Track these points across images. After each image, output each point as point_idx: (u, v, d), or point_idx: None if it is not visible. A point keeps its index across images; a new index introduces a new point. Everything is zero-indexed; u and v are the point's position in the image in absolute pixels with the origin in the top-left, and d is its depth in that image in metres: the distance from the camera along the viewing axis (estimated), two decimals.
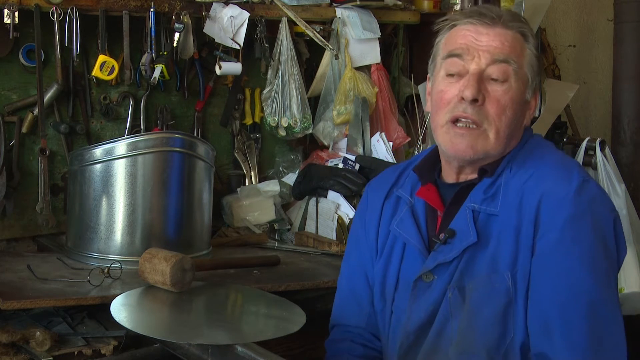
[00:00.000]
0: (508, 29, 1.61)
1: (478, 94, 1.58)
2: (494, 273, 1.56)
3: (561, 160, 1.65)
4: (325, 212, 2.77)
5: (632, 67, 3.24)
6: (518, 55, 1.61)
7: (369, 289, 1.80)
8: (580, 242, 1.52)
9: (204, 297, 1.98)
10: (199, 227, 2.43)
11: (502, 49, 1.59)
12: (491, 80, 1.60)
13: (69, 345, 1.88)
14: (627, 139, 3.26)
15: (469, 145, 1.60)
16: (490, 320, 1.56)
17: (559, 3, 3.88)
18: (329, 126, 3.03)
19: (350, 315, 1.83)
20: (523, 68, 1.62)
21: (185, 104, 2.93)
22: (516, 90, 1.60)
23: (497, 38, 1.60)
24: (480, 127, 1.60)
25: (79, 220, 2.34)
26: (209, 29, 2.74)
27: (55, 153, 2.68)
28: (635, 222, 2.99)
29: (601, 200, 1.58)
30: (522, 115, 1.65)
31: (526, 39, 1.63)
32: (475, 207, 1.61)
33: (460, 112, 1.60)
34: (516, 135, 1.66)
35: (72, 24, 2.50)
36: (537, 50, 1.66)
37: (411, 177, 1.78)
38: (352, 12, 3.03)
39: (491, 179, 1.63)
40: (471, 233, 1.59)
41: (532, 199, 1.56)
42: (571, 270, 1.51)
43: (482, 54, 1.59)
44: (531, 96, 1.66)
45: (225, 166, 3.04)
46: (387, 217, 1.78)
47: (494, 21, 1.61)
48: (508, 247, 1.57)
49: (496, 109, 1.59)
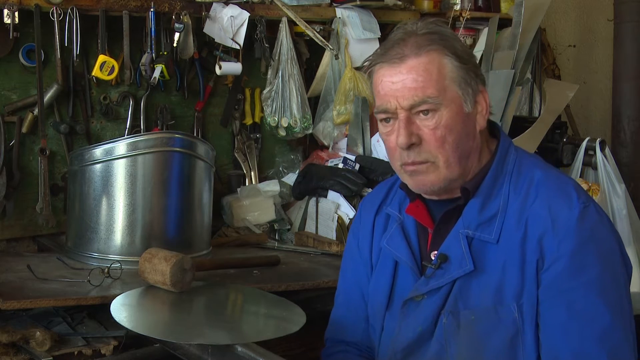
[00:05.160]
0: (418, 57, 1.55)
1: (410, 139, 1.55)
2: (499, 304, 1.55)
3: (557, 182, 1.60)
4: (325, 212, 2.77)
5: (632, 67, 3.25)
6: (436, 81, 1.54)
7: (364, 304, 1.80)
8: (588, 269, 1.51)
9: (204, 297, 1.98)
10: (199, 227, 2.43)
11: (416, 88, 1.54)
12: (422, 115, 1.56)
13: (69, 345, 1.88)
14: (627, 139, 3.26)
15: (426, 180, 1.59)
16: (498, 352, 1.55)
17: (559, 3, 3.88)
18: (329, 126, 3.03)
19: (346, 330, 1.83)
20: (448, 90, 1.55)
21: (185, 104, 2.93)
22: (449, 114, 1.55)
23: (409, 75, 1.54)
24: (428, 161, 1.57)
25: (79, 220, 2.34)
26: (209, 29, 2.74)
27: (55, 153, 2.68)
28: (635, 222, 2.99)
29: (602, 223, 1.56)
30: (469, 129, 1.59)
31: (441, 52, 1.55)
32: (469, 233, 1.59)
33: (405, 160, 1.58)
34: (474, 149, 1.61)
35: (72, 24, 2.50)
36: (459, 55, 1.57)
37: (399, 194, 1.76)
38: (352, 12, 3.03)
39: (481, 197, 1.60)
40: (467, 262, 1.57)
41: (536, 230, 1.54)
42: (581, 299, 1.50)
43: (401, 100, 1.55)
44: (473, 103, 1.59)
45: (225, 166, 3.04)
46: (379, 233, 1.77)
47: (402, 57, 1.56)
48: (514, 278, 1.55)
49: (435, 142, 1.55)
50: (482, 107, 1.61)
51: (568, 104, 3.42)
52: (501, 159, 1.63)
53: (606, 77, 3.80)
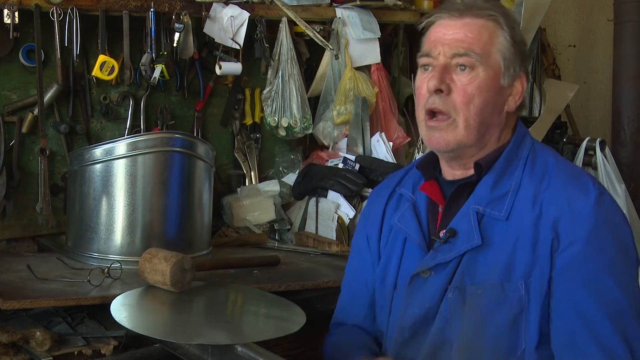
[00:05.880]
0: (476, 18, 1.62)
1: (441, 83, 1.60)
2: (507, 281, 1.56)
3: (572, 169, 1.66)
4: (325, 212, 2.77)
5: (632, 67, 3.25)
6: (485, 44, 1.61)
7: (367, 292, 1.81)
8: (604, 253, 1.53)
9: (204, 297, 1.98)
10: (199, 227, 2.43)
11: (465, 40, 1.61)
12: (458, 70, 1.61)
13: (69, 345, 1.88)
14: (627, 139, 3.27)
15: (441, 137, 1.63)
16: (500, 329, 1.56)
17: (559, 3, 3.88)
18: (329, 126, 3.03)
19: (349, 315, 1.85)
20: (492, 56, 1.61)
21: (185, 104, 2.93)
22: (484, 78, 1.60)
23: (461, 30, 1.62)
24: (449, 117, 1.62)
25: (79, 220, 2.34)
26: (209, 29, 2.74)
27: (55, 153, 2.68)
28: (636, 222, 2.99)
29: (617, 210, 1.60)
30: (498, 102, 1.64)
31: (499, 25, 1.63)
32: (479, 209, 1.62)
33: (430, 105, 1.63)
34: (495, 124, 1.65)
35: (72, 24, 2.50)
36: (514, 35, 1.65)
37: (413, 176, 1.80)
38: (352, 12, 3.03)
39: (495, 175, 1.63)
40: (475, 236, 1.60)
41: (551, 212, 1.56)
42: (597, 281, 1.52)
43: (446, 47, 1.62)
44: (510, 82, 1.64)
45: (225, 166, 3.04)
46: (390, 214, 1.80)
47: (462, 13, 1.63)
48: (524, 256, 1.56)
49: (462, 98, 1.60)
50: (517, 92, 1.67)
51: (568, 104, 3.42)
52: (517, 144, 1.68)
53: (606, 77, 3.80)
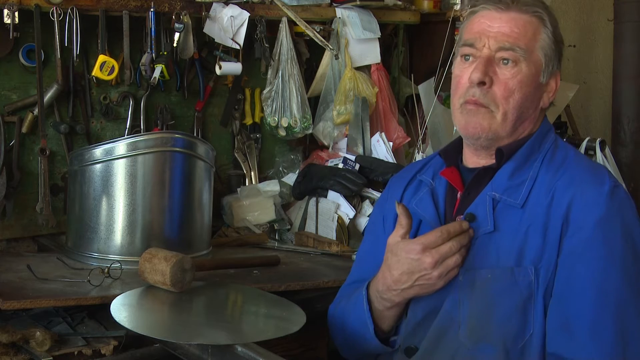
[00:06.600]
0: (522, 13, 1.65)
1: (484, 76, 1.62)
2: (517, 266, 1.58)
3: (590, 163, 1.69)
4: (325, 212, 2.77)
5: (632, 67, 3.24)
6: (529, 40, 1.64)
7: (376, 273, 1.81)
8: (611, 243, 1.54)
9: (204, 297, 1.98)
10: (199, 227, 2.43)
11: (510, 35, 1.63)
12: (502, 64, 1.63)
13: (69, 345, 1.88)
14: (627, 139, 3.26)
15: (479, 123, 1.65)
16: (509, 313, 1.58)
17: (559, 3, 3.88)
18: (329, 126, 3.03)
19: None
20: (535, 52, 1.65)
21: (185, 104, 2.93)
22: (526, 74, 1.64)
23: (507, 24, 1.64)
24: (488, 109, 1.64)
25: (79, 220, 2.34)
26: (209, 29, 2.74)
27: (55, 153, 2.68)
28: None
29: (630, 206, 1.61)
30: (535, 98, 1.67)
31: (543, 22, 1.67)
32: (496, 196, 1.64)
33: (469, 97, 1.65)
34: (530, 118, 1.69)
35: (72, 24, 2.50)
36: (555, 34, 1.69)
37: (433, 164, 1.83)
38: (352, 12, 3.03)
39: (514, 164, 1.65)
40: (489, 222, 1.63)
41: (564, 198, 1.58)
42: (601, 270, 1.53)
43: (492, 40, 1.63)
44: (547, 79, 1.68)
45: (225, 166, 3.04)
46: (408, 198, 1.82)
47: (508, 6, 1.65)
48: (535, 242, 1.58)
49: (503, 92, 1.63)
50: (552, 89, 1.71)
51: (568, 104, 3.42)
52: (541, 136, 1.70)
53: (606, 77, 3.80)
